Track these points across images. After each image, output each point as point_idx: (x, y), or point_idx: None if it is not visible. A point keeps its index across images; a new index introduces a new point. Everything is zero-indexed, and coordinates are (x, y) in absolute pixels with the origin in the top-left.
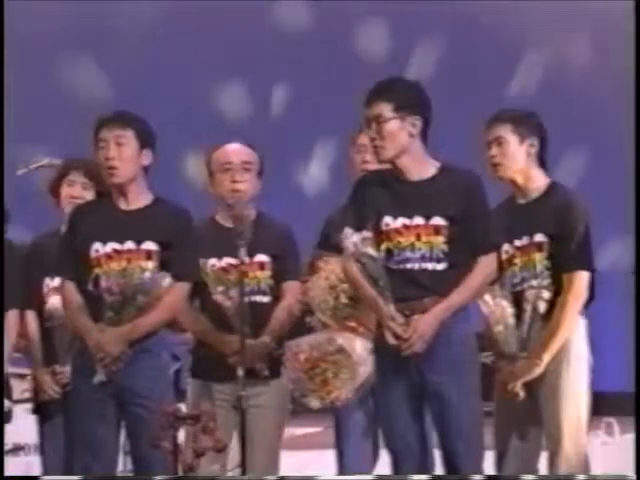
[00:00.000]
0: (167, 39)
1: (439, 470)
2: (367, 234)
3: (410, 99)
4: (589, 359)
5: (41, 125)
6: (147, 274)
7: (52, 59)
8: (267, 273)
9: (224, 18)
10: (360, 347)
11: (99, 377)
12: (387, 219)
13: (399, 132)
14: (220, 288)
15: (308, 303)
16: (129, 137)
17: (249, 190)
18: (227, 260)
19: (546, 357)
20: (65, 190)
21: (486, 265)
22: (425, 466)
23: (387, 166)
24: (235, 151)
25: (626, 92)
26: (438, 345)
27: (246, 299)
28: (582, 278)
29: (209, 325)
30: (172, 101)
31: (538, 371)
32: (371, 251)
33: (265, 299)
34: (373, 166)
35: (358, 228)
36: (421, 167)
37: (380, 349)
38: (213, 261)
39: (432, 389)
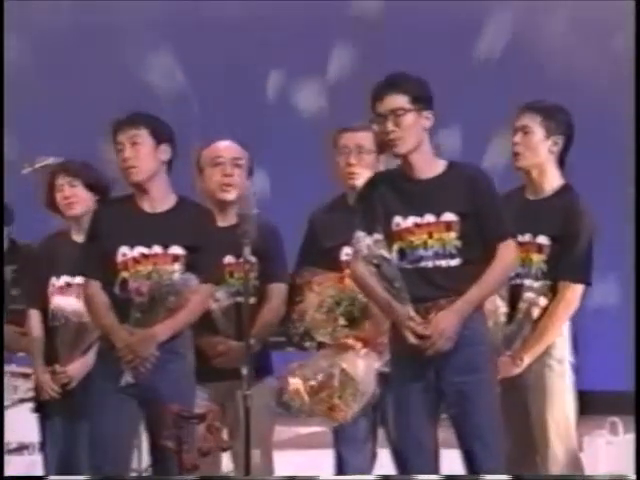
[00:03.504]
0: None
1: (452, 471)
2: (378, 236)
3: (423, 93)
4: (573, 360)
5: (44, 125)
6: (177, 275)
7: (54, 57)
8: (253, 274)
9: None
10: (362, 367)
11: (127, 379)
12: (397, 219)
13: (415, 125)
14: None
15: (306, 327)
16: (143, 135)
17: (239, 186)
18: None
19: (527, 359)
20: (58, 196)
21: (504, 256)
22: (434, 466)
23: (395, 164)
24: (226, 147)
25: (626, 92)
26: (458, 345)
27: (232, 300)
28: (577, 290)
29: (196, 325)
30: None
31: (517, 371)
32: (385, 253)
33: (250, 300)
34: (358, 169)
35: (369, 231)
36: (430, 164)
37: (396, 351)
38: None
39: (453, 390)
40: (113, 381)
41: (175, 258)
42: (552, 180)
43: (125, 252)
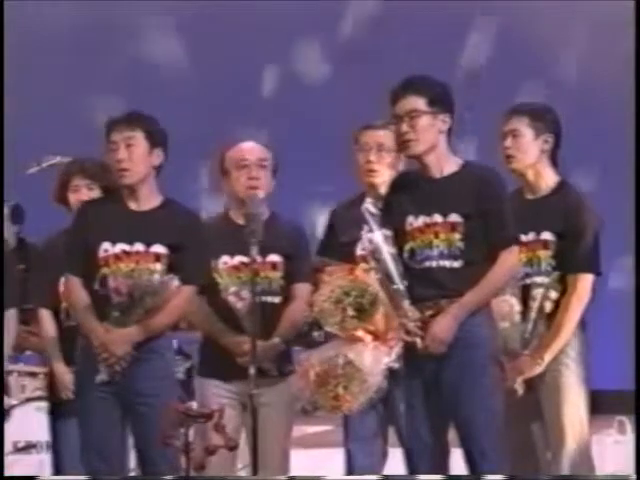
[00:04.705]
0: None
1: (455, 470)
2: (387, 232)
3: (441, 95)
4: (587, 358)
5: (49, 123)
6: (156, 276)
7: (54, 57)
8: (279, 274)
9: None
10: (369, 359)
11: (101, 377)
12: (410, 219)
13: (431, 127)
14: (232, 289)
15: (314, 317)
16: (138, 138)
17: (265, 187)
18: (239, 258)
19: (547, 357)
20: (72, 197)
21: (505, 261)
22: (442, 466)
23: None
24: (250, 149)
25: (626, 92)
26: (457, 347)
27: (257, 299)
28: (587, 280)
29: (220, 324)
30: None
31: (539, 369)
32: (389, 248)
33: (276, 300)
34: (378, 165)
35: (379, 227)
36: (444, 164)
37: (406, 349)
38: (225, 259)
39: (450, 391)
40: (93, 380)
41: (157, 257)
42: (548, 178)
43: (107, 248)
